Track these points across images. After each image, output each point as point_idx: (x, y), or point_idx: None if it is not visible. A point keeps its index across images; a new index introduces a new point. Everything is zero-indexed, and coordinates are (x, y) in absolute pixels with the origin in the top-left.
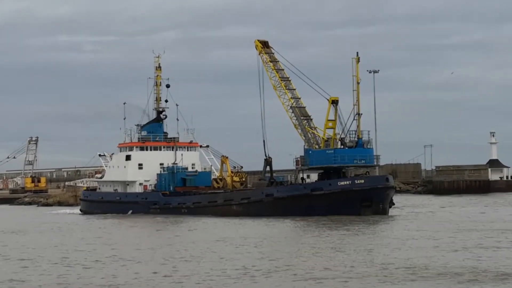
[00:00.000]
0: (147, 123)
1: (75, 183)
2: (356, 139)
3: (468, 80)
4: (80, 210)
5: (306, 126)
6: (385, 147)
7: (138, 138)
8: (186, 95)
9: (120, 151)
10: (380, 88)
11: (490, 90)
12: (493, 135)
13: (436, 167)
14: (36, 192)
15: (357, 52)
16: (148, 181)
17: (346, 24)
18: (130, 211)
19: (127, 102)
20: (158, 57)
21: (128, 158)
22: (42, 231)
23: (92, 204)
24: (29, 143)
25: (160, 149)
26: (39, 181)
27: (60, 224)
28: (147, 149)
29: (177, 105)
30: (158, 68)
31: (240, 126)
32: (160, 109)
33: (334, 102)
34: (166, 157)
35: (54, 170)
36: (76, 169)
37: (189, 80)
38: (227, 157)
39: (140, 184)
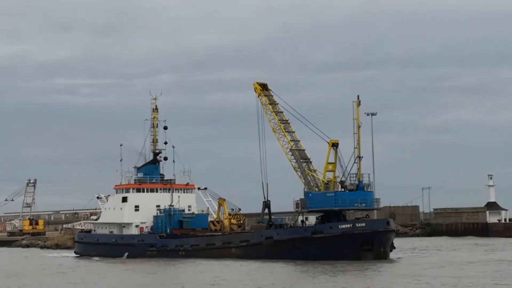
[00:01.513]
0: (144, 165)
1: (73, 226)
2: (356, 182)
3: (464, 123)
4: (75, 252)
5: (305, 169)
6: (383, 189)
7: (135, 180)
8: (182, 138)
9: (117, 193)
10: (377, 131)
11: (486, 133)
12: (491, 178)
13: (434, 209)
14: (34, 234)
15: (358, 95)
16: (145, 223)
17: (341, 67)
18: (126, 254)
19: (123, 144)
20: (155, 99)
21: (124, 199)
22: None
23: (87, 246)
24: (27, 186)
25: (157, 191)
26: (37, 223)
27: (46, 266)
28: (143, 191)
29: (173, 147)
30: (155, 110)
31: (238, 168)
32: (157, 151)
33: (334, 145)
34: (162, 199)
35: (52, 212)
36: (74, 211)
37: (186, 122)
38: (224, 199)
39: (136, 226)
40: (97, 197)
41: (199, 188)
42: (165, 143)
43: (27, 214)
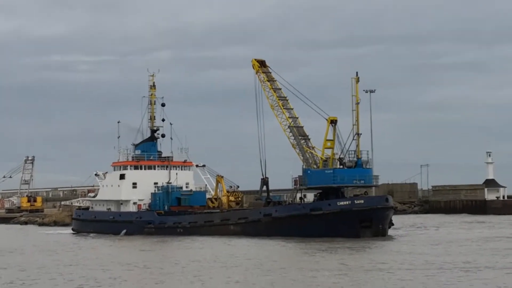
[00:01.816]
0: (141, 142)
1: (71, 203)
2: (355, 159)
3: (462, 100)
4: (72, 229)
5: (304, 146)
6: (381, 167)
7: (132, 157)
8: (180, 115)
9: (114, 170)
10: (375, 108)
11: (485, 110)
12: (489, 155)
13: (432, 186)
14: (32, 211)
15: (357, 72)
16: (142, 200)
17: (339, 44)
18: (124, 231)
19: (121, 121)
20: (153, 75)
21: (122, 177)
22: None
23: (84, 223)
24: (25, 163)
25: (154, 168)
26: (35, 200)
27: (39, 243)
28: (141, 168)
29: (171, 124)
30: (153, 86)
31: (236, 146)
32: (155, 128)
33: (333, 122)
34: (160, 176)
35: (50, 189)
36: (72, 188)
37: (184, 100)
38: (222, 177)
39: (134, 203)
40: (95, 174)
41: (197, 166)
42: (163, 120)
43: (25, 191)
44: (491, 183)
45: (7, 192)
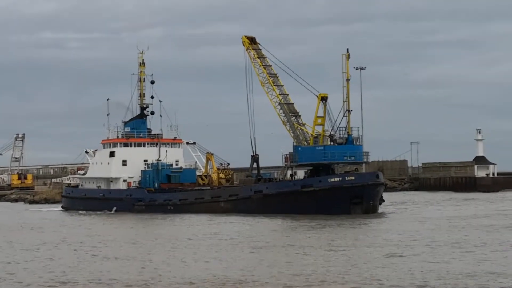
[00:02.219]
0: (131, 120)
1: (62, 180)
2: (346, 135)
3: (453, 78)
4: (62, 207)
5: (294, 123)
6: (371, 144)
7: (122, 134)
8: (171, 92)
9: (104, 148)
10: (365, 85)
11: (475, 88)
12: (479, 132)
13: (422, 164)
14: (22, 189)
15: (347, 49)
16: (132, 177)
17: (330, 21)
18: (114, 208)
19: (110, 99)
20: (142, 53)
21: (112, 154)
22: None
23: (74, 201)
24: (16, 140)
25: (144, 146)
26: (25, 178)
27: (26, 221)
28: (131, 146)
29: (160, 101)
30: (142, 64)
31: (226, 123)
32: (144, 105)
33: (324, 99)
34: (150, 153)
35: (40, 167)
36: (63, 166)
37: (174, 77)
38: (212, 154)
39: (124, 180)
40: (86, 152)
41: (187, 143)
42: (152, 97)
43: (15, 169)
44: (481, 160)
45: None
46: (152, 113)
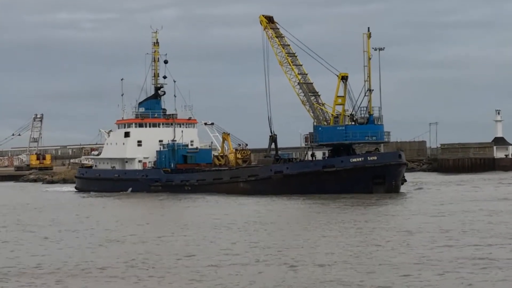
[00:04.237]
0: (145, 100)
1: (80, 160)
2: (367, 115)
3: (472, 58)
4: (75, 187)
5: (314, 103)
6: (390, 124)
7: (136, 114)
8: (186, 73)
9: (118, 128)
10: (384, 66)
11: (494, 68)
12: (499, 113)
13: (441, 144)
14: (41, 169)
15: (368, 28)
16: (147, 158)
17: (346, 1)
18: (130, 189)
19: (124, 79)
20: (156, 32)
21: (127, 135)
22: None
23: (88, 181)
24: (34, 120)
25: (159, 126)
26: (44, 158)
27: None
28: (145, 126)
29: (174, 81)
30: (156, 44)
31: (243, 104)
32: (158, 85)
33: (344, 78)
34: (165, 134)
35: (59, 147)
36: (81, 146)
37: (189, 57)
38: (228, 134)
39: (139, 161)
40: (100, 132)
41: (206, 124)
42: (164, 77)
43: (34, 149)
44: (500, 141)
45: (16, 149)
46: (164, 93)
